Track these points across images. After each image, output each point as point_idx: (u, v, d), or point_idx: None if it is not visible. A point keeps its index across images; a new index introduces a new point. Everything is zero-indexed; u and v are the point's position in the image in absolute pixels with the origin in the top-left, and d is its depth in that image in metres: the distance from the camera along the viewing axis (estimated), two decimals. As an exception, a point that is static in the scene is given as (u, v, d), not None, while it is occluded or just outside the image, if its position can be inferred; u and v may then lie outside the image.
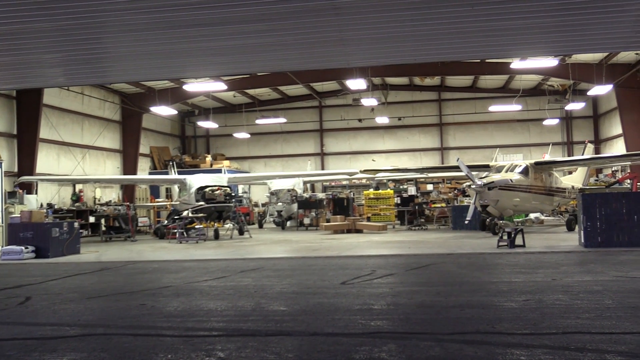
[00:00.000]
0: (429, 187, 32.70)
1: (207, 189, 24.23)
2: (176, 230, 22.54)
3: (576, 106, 33.21)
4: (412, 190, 30.16)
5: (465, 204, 24.90)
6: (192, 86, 27.33)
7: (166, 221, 26.43)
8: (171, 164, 33.01)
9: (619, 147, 30.90)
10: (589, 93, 30.19)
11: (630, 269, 11.20)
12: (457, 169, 21.46)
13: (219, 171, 30.98)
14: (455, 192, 29.26)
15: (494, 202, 19.48)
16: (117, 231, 24.83)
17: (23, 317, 8.27)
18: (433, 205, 28.93)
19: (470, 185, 19.96)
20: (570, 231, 21.12)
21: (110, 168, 31.98)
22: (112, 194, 31.20)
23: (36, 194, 24.75)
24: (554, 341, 5.98)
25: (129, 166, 32.86)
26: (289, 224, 29.92)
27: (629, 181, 25.63)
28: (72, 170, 28.44)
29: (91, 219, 26.35)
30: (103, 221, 25.40)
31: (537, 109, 35.78)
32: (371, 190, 31.97)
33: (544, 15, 9.77)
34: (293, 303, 8.57)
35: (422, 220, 26.97)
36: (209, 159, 37.94)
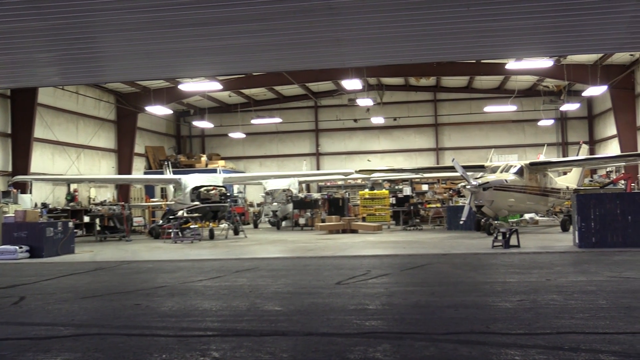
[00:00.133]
0: (424, 187, 32.84)
1: (202, 189, 24.18)
2: (171, 230, 22.52)
3: (571, 107, 33.29)
4: (407, 191, 30.27)
5: (460, 204, 24.95)
6: (188, 86, 27.31)
7: (161, 221, 26.41)
8: (166, 163, 32.95)
9: (613, 148, 31.00)
10: (584, 94, 30.33)
11: (624, 269, 11.26)
12: (452, 169, 21.50)
13: (214, 171, 30.90)
14: (450, 192, 29.29)
15: (488, 203, 19.53)
16: (111, 231, 24.77)
17: (17, 317, 8.24)
18: (428, 206, 28.97)
19: (465, 186, 19.98)
20: (565, 232, 21.16)
21: (105, 168, 31.91)
22: (107, 194, 31.14)
23: (30, 193, 24.70)
24: (548, 341, 6.00)
25: (124, 166, 32.81)
26: (284, 224, 29.91)
27: (623, 182, 25.72)
28: (66, 169, 28.38)
29: (86, 219, 26.25)
30: (98, 221, 25.31)
31: (532, 109, 35.89)
32: (366, 190, 31.96)
33: (540, 16, 9.78)
34: (288, 303, 8.57)
35: (417, 220, 27.01)
36: (204, 158, 37.90)
